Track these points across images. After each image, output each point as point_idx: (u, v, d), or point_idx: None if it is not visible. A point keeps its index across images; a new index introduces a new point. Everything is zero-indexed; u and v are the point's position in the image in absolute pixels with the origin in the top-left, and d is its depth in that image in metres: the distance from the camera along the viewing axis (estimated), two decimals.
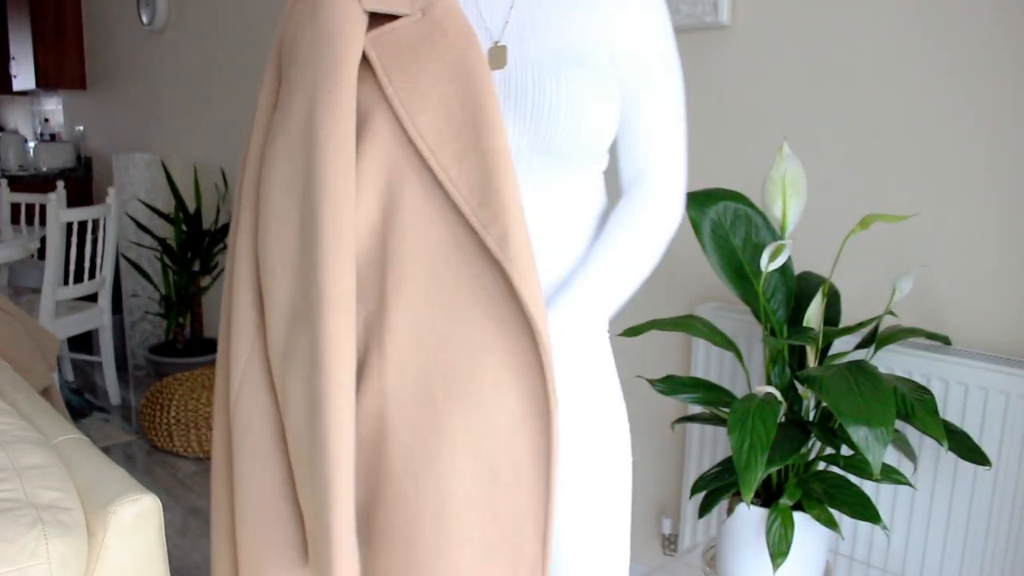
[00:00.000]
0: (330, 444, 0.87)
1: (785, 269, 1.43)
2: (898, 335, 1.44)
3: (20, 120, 6.42)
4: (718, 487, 1.44)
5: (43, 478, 1.12)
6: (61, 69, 5.08)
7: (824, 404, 1.40)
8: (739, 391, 1.81)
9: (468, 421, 0.89)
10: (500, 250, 0.88)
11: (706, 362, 1.87)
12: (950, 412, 1.50)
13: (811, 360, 1.42)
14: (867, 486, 1.59)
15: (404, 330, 0.90)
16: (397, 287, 0.90)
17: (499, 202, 0.88)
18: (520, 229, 0.88)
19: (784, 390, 1.43)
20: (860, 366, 1.27)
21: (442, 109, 0.91)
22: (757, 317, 1.42)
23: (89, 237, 3.50)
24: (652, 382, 1.48)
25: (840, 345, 1.60)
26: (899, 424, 1.49)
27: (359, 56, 0.91)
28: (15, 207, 4.94)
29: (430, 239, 0.91)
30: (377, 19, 0.94)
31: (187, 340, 3.94)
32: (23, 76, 5.30)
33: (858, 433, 1.18)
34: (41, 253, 4.07)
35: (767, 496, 1.42)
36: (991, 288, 1.54)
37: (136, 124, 4.55)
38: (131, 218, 3.98)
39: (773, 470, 1.30)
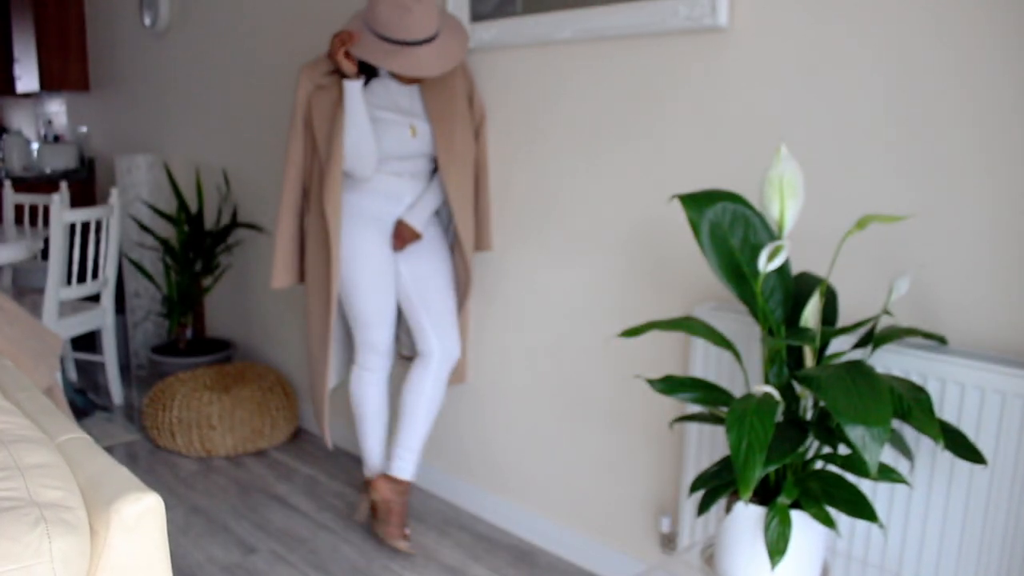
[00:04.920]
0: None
1: (783, 269, 1.43)
2: (895, 335, 1.45)
3: (24, 122, 6.44)
4: (716, 486, 1.45)
5: (46, 477, 1.13)
6: (64, 71, 5.09)
7: (822, 403, 1.41)
8: (737, 391, 1.81)
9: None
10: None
11: (704, 362, 1.87)
12: (946, 411, 1.51)
13: (809, 360, 1.43)
14: (864, 485, 1.60)
15: None
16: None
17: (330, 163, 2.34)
18: (334, 186, 2.29)
19: (782, 389, 1.43)
20: (857, 366, 1.28)
21: (323, 118, 2.32)
22: (755, 317, 1.43)
23: (92, 238, 3.51)
24: (651, 382, 1.49)
25: (837, 345, 1.60)
26: (896, 423, 1.50)
27: (307, 100, 2.37)
28: (19, 208, 4.95)
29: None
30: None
31: (189, 340, 3.95)
32: (27, 78, 5.31)
33: (855, 432, 1.18)
34: (45, 254, 4.08)
35: (765, 495, 1.43)
36: (988, 288, 1.55)
37: (138, 126, 4.57)
38: (134, 219, 4.00)
39: (771, 469, 1.31)
